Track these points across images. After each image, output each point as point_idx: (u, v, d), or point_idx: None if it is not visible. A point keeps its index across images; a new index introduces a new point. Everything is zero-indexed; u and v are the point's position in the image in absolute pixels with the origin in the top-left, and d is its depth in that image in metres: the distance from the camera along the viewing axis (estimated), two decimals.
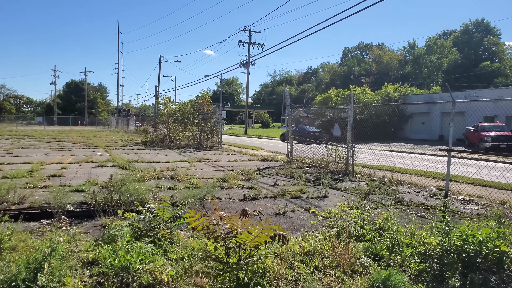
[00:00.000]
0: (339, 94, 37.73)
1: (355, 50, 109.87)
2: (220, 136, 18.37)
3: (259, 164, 12.13)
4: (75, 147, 16.91)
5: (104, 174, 9.15)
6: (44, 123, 59.03)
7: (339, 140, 10.92)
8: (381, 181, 8.94)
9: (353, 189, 8.02)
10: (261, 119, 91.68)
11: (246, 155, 15.25)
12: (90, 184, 7.67)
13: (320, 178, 9.35)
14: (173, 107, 21.87)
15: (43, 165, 10.49)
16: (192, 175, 9.37)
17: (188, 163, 11.95)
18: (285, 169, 10.84)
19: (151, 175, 8.97)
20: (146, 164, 11.43)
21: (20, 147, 16.04)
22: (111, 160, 11.79)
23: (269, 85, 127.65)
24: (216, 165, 11.75)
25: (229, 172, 10.18)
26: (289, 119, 12.65)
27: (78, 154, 13.64)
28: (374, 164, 10.85)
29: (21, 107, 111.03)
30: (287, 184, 8.39)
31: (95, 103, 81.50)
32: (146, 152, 15.51)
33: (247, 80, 46.10)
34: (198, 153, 15.92)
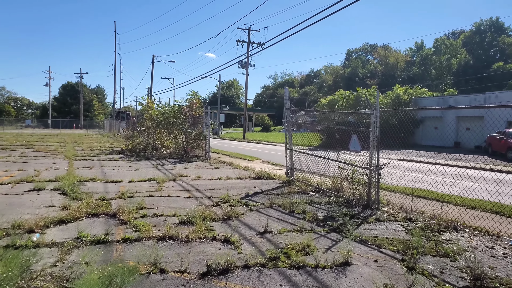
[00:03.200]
0: (346, 96, 34.92)
1: (359, 51, 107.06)
2: (208, 144, 15.55)
3: (249, 185, 9.31)
4: (37, 158, 14.16)
5: (24, 206, 6.37)
6: (33, 126, 56.48)
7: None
8: (424, 222, 6.10)
9: (387, 241, 5.17)
10: (262, 122, 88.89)
11: (236, 170, 12.43)
12: None
13: (333, 215, 6.51)
14: (159, 110, 19.06)
15: None
16: (149, 208, 6.58)
17: (157, 184, 9.15)
18: (282, 196, 8.01)
19: (87, 208, 6.17)
20: (100, 186, 8.66)
21: None
22: (60, 178, 9.00)
23: (270, 88, 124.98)
24: (192, 187, 8.93)
25: (205, 201, 7.36)
26: (289, 126, 9.81)
27: (28, 169, 10.87)
28: (400, 186, 8.02)
29: (22, 109, 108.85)
30: (285, 230, 5.54)
31: (91, 105, 79.00)
32: (116, 165, 12.72)
33: (246, 81, 43.34)
34: (178, 166, 13.11)
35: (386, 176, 7.76)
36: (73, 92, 76.19)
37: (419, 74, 79.84)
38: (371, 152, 7.28)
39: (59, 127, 58.83)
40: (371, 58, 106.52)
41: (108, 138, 28.44)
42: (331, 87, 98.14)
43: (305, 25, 18.86)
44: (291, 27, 18.67)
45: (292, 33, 21.15)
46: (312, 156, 8.91)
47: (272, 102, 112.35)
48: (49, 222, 5.37)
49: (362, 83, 71.87)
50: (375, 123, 7.15)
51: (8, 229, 5.07)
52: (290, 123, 9.71)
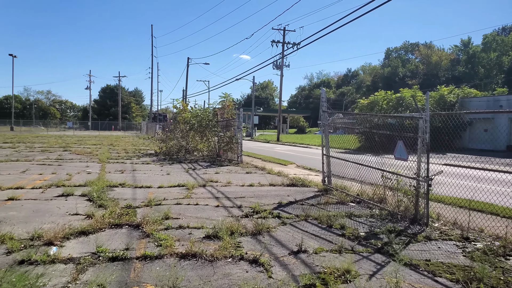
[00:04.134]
0: (387, 97, 33.22)
1: (399, 50, 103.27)
2: (240, 147, 15.12)
3: (282, 194, 8.73)
4: (72, 160, 14.34)
5: (49, 213, 6.18)
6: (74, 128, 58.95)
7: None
8: (486, 243, 5.26)
9: (442, 266, 4.42)
10: (297, 124, 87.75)
11: (268, 175, 11.88)
12: None
13: (376, 231, 5.80)
14: (192, 113, 18.92)
15: None
16: (175, 218, 6.17)
17: (186, 190, 8.79)
18: (318, 208, 7.37)
19: (111, 218, 5.87)
20: (129, 192, 8.41)
21: (10, 160, 13.67)
22: (90, 183, 8.88)
23: (305, 88, 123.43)
24: (222, 194, 8.48)
25: (234, 211, 6.86)
26: (326, 130, 9.13)
27: (61, 173, 10.92)
28: (450, 196, 7.13)
29: (65, 112, 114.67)
30: (321, 249, 4.92)
31: (129, 108, 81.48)
32: (147, 169, 12.57)
33: (280, 82, 42.70)
34: (209, 170, 12.76)
35: (432, 184, 6.91)
36: (112, 95, 78.89)
37: (465, 73, 75.65)
38: (419, 160, 6.49)
39: (98, 129, 61.07)
40: (412, 57, 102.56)
41: (143, 140, 28.90)
42: (369, 87, 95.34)
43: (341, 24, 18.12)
44: (327, 26, 17.93)
45: (328, 32, 20.39)
46: (353, 163, 8.19)
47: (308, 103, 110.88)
48: (70, 233, 5.08)
49: (402, 83, 69.06)
50: (424, 128, 6.35)
51: (27, 240, 4.83)
52: (327, 127, 9.03)
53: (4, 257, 4.32)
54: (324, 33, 19.64)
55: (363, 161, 8.13)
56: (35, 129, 61.90)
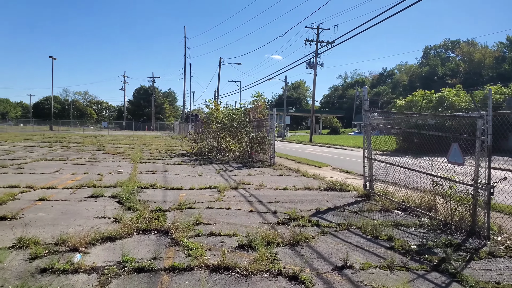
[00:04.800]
0: (426, 97, 31.59)
1: (439, 48, 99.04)
2: (272, 148, 14.63)
3: (319, 199, 8.16)
4: (104, 160, 14.41)
5: (77, 215, 5.96)
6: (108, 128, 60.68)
7: None
8: None
9: None
10: (330, 124, 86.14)
11: (303, 178, 11.32)
12: None
13: (429, 244, 5.14)
14: (224, 113, 18.63)
15: (25, 192, 7.71)
16: (207, 223, 5.77)
17: (218, 193, 8.41)
18: (361, 215, 6.75)
19: (139, 222, 5.56)
20: (159, 193, 8.14)
21: (45, 160, 13.94)
22: (121, 184, 8.70)
23: (339, 88, 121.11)
24: (254, 198, 8.01)
25: (269, 217, 6.38)
26: (368, 130, 8.44)
27: (93, 173, 10.88)
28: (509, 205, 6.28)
29: (101, 112, 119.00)
30: (369, 265, 4.35)
31: (163, 108, 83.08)
32: (179, 169, 12.35)
33: (313, 81, 41.81)
34: (241, 172, 12.35)
35: None
36: (146, 96, 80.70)
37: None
38: (477, 164, 5.74)
39: (132, 129, 62.53)
40: (452, 55, 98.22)
41: (176, 141, 29.11)
42: (406, 87, 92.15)
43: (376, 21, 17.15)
44: (361, 24, 17.05)
45: (363, 30, 19.35)
46: (399, 166, 7.47)
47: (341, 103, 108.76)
48: (96, 238, 4.79)
49: (442, 83, 66.05)
50: (485, 129, 5.60)
51: (52, 245, 4.58)
52: (369, 127, 8.35)
53: (26, 264, 4.06)
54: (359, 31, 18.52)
55: (409, 164, 7.42)
56: (72, 128, 64.33)
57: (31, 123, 67.19)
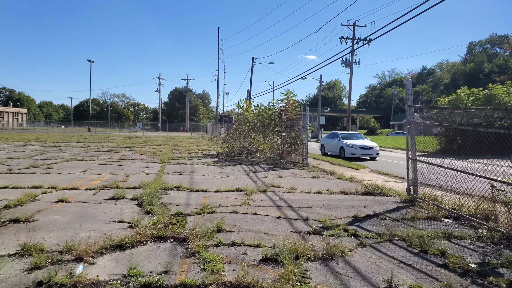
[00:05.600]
0: (473, 94, 29.49)
1: (485, 44, 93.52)
2: (305, 149, 13.86)
3: (357, 204, 7.35)
4: (133, 161, 14.25)
5: (93, 218, 5.56)
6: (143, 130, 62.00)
7: None
8: None
9: None
10: (367, 125, 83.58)
11: (339, 181, 10.50)
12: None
13: (492, 262, 4.25)
14: (254, 112, 18.08)
15: (47, 193, 7.49)
16: (229, 230, 5.18)
17: (245, 196, 7.81)
18: (405, 224, 5.90)
19: (156, 228, 5.06)
20: (183, 196, 7.66)
21: (75, 160, 13.98)
22: (145, 185, 8.32)
23: (376, 88, 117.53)
24: (284, 203, 7.34)
25: (299, 225, 5.68)
26: (412, 128, 7.50)
27: (120, 173, 10.64)
28: None
29: (138, 114, 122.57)
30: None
31: (197, 109, 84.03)
32: (207, 170, 11.89)
33: (350, 80, 40.42)
34: (271, 173, 11.70)
35: None
36: (180, 97, 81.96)
37: None
38: None
39: (167, 130, 63.57)
40: (500, 51, 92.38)
41: (207, 141, 28.99)
42: (448, 85, 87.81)
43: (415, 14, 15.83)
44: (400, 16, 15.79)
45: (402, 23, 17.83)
46: (449, 169, 6.52)
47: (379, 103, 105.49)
48: (105, 246, 4.32)
49: (488, 80, 62.08)
50: None
51: (56, 253, 4.15)
52: (414, 124, 7.42)
53: (24, 275, 3.64)
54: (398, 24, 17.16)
55: (460, 167, 6.46)
56: (109, 130, 66.32)
57: (71, 125, 70.16)
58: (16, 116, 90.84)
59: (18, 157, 14.68)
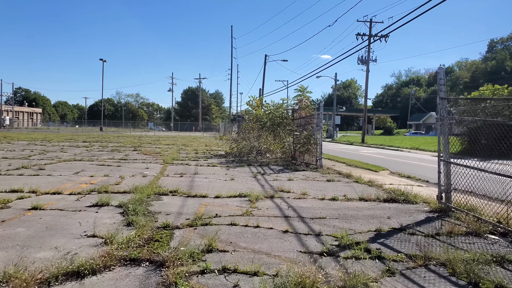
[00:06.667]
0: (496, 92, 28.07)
1: (506, 41, 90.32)
2: (319, 149, 12.75)
3: (379, 214, 6.25)
4: (135, 161, 13.38)
5: (64, 231, 4.61)
6: (155, 129, 61.70)
7: None
8: None
9: None
10: (383, 125, 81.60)
11: (356, 184, 9.39)
12: None
13: None
14: (264, 110, 17.04)
15: (24, 198, 6.62)
16: (222, 250, 4.17)
17: (248, 202, 6.79)
18: (441, 240, 4.79)
19: (130, 247, 4.09)
20: (177, 202, 6.69)
21: (73, 160, 13.15)
22: (136, 190, 7.36)
23: (392, 87, 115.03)
24: (293, 212, 6.28)
25: (310, 243, 4.62)
26: (445, 126, 6.34)
27: (114, 175, 9.74)
28: None
29: (152, 114, 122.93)
30: None
31: (209, 109, 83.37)
32: (211, 172, 10.91)
33: (366, 78, 38.98)
34: (281, 176, 10.64)
35: None
36: (193, 97, 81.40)
37: None
38: None
39: (181, 129, 63.05)
40: None
41: (218, 141, 28.15)
42: (467, 84, 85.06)
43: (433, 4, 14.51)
44: (417, 7, 14.46)
45: (419, 14, 16.39)
46: (493, 174, 5.34)
47: (395, 102, 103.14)
48: (57, 274, 3.36)
49: (511, 78, 59.53)
50: None
51: None
52: (447, 120, 6.26)
53: None
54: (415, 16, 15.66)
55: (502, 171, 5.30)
56: (122, 130, 66.23)
57: (85, 125, 70.39)
58: (31, 116, 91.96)
59: (14, 157, 13.99)
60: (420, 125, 79.09)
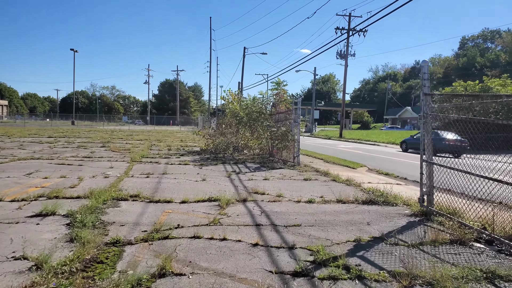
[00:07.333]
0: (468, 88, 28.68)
1: (477, 39, 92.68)
2: (297, 146, 12.23)
3: (358, 219, 5.76)
4: (99, 159, 12.46)
5: None
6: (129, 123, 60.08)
7: None
8: None
9: None
10: (360, 119, 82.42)
11: (334, 183, 8.94)
12: None
13: None
14: (241, 105, 16.36)
15: None
16: (177, 273, 3.55)
17: (217, 209, 6.18)
18: (425, 251, 4.32)
19: (63, 273, 3.41)
20: (137, 209, 6.00)
21: (30, 158, 11.97)
22: (92, 195, 6.62)
23: (370, 82, 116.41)
24: (267, 218, 5.71)
25: (282, 258, 4.06)
26: (429, 123, 5.89)
27: (72, 177, 8.86)
28: None
29: (129, 107, 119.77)
30: None
31: (188, 102, 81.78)
32: (182, 171, 10.22)
33: (344, 73, 38.85)
34: (257, 175, 10.06)
35: None
36: (170, 90, 79.52)
37: None
38: None
39: (158, 123, 61.49)
40: (492, 45, 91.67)
41: (195, 136, 27.28)
42: (440, 80, 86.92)
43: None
44: (394, 1, 14.18)
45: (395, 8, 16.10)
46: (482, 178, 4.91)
47: (372, 97, 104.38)
48: None
49: (481, 75, 60.99)
50: None
51: None
52: (430, 117, 5.80)
53: None
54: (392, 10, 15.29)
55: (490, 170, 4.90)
56: (96, 123, 63.98)
57: (56, 118, 67.62)
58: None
59: None
60: (396, 120, 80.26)
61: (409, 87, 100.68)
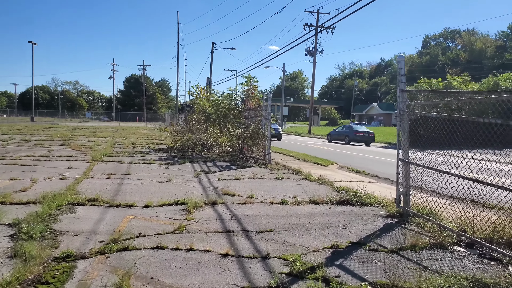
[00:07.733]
0: (432, 85, 29.64)
1: (439, 38, 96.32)
2: (267, 143, 11.90)
3: (333, 221, 5.49)
4: (57, 158, 11.59)
5: None
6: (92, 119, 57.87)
7: None
8: None
9: None
10: (328, 116, 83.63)
11: (306, 182, 8.68)
12: None
13: None
14: (210, 101, 15.80)
15: None
16: None
17: (184, 213, 5.71)
18: (407, 258, 4.08)
19: None
20: (95, 215, 5.43)
21: None
22: (45, 199, 5.97)
23: (337, 79, 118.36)
24: (237, 223, 5.31)
25: (255, 270, 3.68)
26: (405, 120, 5.69)
27: (25, 178, 8.09)
28: None
29: (93, 102, 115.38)
30: None
31: (155, 98, 79.72)
32: (146, 171, 9.62)
33: (313, 69, 39.01)
34: (227, 174, 9.64)
35: None
36: (137, 85, 77.18)
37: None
38: None
39: (124, 119, 59.44)
40: (452, 44, 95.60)
41: (161, 133, 26.42)
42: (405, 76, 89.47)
43: None
44: None
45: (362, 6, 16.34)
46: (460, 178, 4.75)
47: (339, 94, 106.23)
48: None
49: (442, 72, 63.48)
50: None
51: None
52: (407, 115, 5.60)
53: None
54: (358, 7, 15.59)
55: None
56: (58, 120, 61.00)
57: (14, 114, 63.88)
58: None
59: None
60: (363, 116, 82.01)
61: (375, 84, 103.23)
